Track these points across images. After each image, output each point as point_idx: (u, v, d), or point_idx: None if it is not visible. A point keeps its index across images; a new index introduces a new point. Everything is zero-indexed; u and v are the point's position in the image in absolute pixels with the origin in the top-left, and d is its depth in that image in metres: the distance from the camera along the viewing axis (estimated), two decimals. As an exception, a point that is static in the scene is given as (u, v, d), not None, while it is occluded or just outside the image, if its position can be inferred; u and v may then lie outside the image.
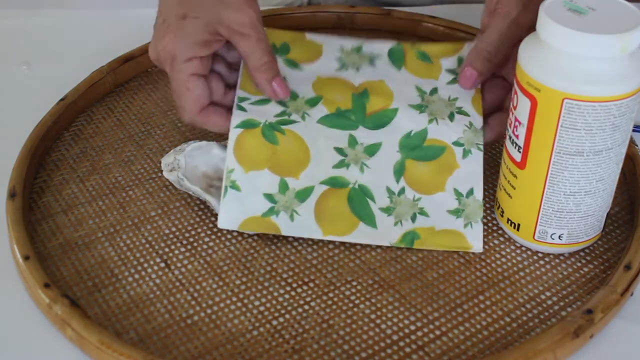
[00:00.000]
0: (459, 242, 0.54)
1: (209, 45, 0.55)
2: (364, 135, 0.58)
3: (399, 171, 0.57)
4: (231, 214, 0.54)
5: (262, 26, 0.56)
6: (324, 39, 0.63)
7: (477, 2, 0.85)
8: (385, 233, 0.54)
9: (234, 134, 0.57)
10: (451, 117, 0.58)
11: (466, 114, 0.59)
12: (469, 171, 0.57)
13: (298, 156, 0.56)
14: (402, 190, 0.56)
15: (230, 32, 0.55)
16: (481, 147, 0.58)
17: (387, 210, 0.55)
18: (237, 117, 0.57)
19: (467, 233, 0.55)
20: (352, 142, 0.57)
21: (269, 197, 0.55)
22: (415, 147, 0.57)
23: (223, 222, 0.54)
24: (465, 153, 0.57)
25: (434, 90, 0.60)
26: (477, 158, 0.57)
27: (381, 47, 0.63)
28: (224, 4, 0.54)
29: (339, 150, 0.57)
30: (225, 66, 0.60)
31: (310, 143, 0.57)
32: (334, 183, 0.56)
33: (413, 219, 0.55)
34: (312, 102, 0.59)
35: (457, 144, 0.58)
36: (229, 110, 0.58)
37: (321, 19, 0.79)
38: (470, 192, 0.56)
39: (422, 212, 0.55)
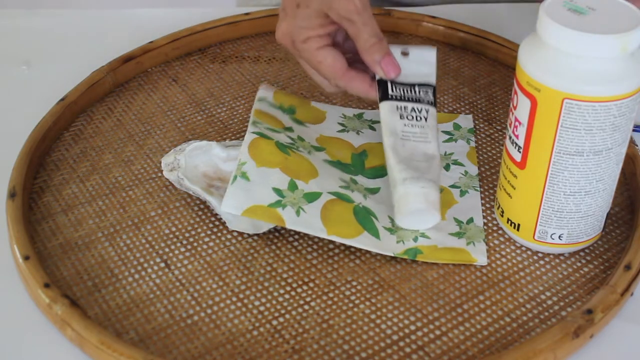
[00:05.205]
0: (462, 256, 0.54)
1: (322, 27, 0.59)
2: (364, 182, 0.60)
3: None
4: (237, 199, 0.54)
5: (370, 11, 0.58)
6: (327, 106, 0.68)
7: (477, 2, 0.85)
8: (388, 245, 0.55)
9: (249, 137, 0.58)
10: (447, 167, 0.62)
11: (461, 164, 0.62)
12: (468, 205, 0.59)
13: (308, 168, 0.58)
14: None
15: (339, 17, 0.58)
16: (477, 188, 0.60)
17: (390, 230, 0.55)
18: (252, 128, 0.60)
19: (470, 249, 0.55)
20: (353, 181, 0.59)
21: (278, 191, 0.55)
22: None
23: (227, 206, 0.54)
24: (462, 193, 0.60)
25: None
26: (474, 196, 0.60)
27: None
28: None
29: (343, 181, 0.59)
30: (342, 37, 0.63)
31: (317, 166, 0.58)
32: (340, 197, 0.56)
33: (415, 240, 0.55)
34: (317, 148, 0.62)
35: (453, 186, 0.60)
36: (368, 75, 0.60)
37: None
38: (470, 220, 0.57)
39: (424, 235, 0.56)
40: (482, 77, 0.73)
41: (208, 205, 0.58)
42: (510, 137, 0.53)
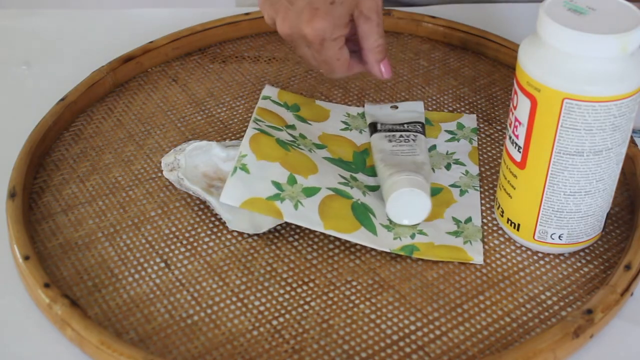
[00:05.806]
0: (458, 254, 0.54)
1: (347, 25, 0.60)
2: (364, 179, 0.60)
3: None
4: (236, 191, 0.54)
5: (382, 14, 0.61)
6: (331, 105, 0.68)
7: (477, 2, 0.85)
8: (385, 241, 0.55)
9: (251, 132, 0.58)
10: (448, 167, 0.62)
11: (462, 164, 0.62)
12: (467, 204, 0.59)
13: (308, 164, 0.58)
14: None
15: (359, 14, 0.60)
16: (477, 187, 0.60)
17: (387, 227, 0.56)
18: (254, 125, 0.60)
19: (466, 248, 0.55)
20: (353, 178, 0.59)
21: (277, 184, 0.55)
22: None
23: (226, 197, 0.54)
24: (462, 192, 0.60)
25: (433, 147, 0.64)
26: (474, 195, 0.60)
27: None
28: None
29: (343, 177, 0.59)
30: None
31: (317, 163, 0.58)
32: (339, 192, 0.56)
33: (412, 237, 0.55)
34: (319, 146, 0.62)
35: (453, 186, 0.60)
36: (357, 56, 0.63)
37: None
38: (469, 220, 0.57)
39: (421, 233, 0.56)
40: (482, 77, 0.73)
41: (208, 205, 0.58)
42: (510, 137, 0.53)
